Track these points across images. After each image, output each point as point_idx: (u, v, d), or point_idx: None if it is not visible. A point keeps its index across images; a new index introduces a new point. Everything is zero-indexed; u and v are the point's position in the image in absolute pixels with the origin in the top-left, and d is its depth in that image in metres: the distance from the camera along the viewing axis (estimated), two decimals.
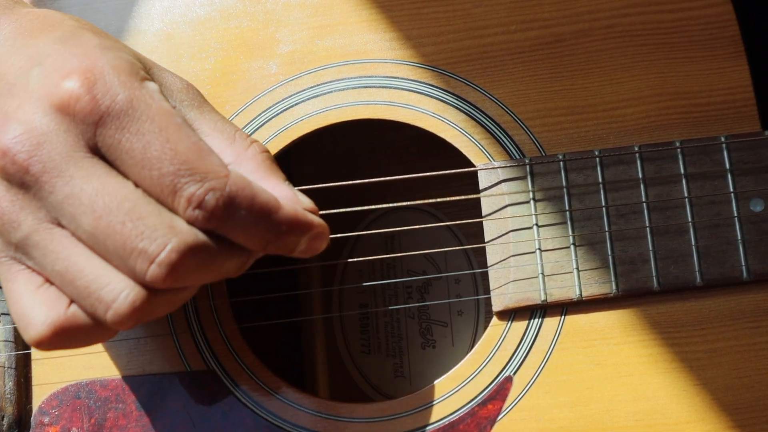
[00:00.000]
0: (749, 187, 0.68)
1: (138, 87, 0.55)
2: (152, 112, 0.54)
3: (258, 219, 0.55)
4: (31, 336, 0.55)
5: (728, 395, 0.66)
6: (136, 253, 0.52)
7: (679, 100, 0.70)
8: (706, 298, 0.68)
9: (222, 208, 0.54)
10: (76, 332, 0.55)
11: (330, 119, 0.73)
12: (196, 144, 0.55)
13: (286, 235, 0.57)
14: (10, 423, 0.69)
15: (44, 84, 0.55)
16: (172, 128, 0.54)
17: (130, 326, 0.54)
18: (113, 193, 0.53)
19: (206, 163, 0.54)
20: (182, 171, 0.53)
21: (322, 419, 0.69)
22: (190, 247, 0.53)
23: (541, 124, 0.71)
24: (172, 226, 0.53)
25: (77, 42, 0.57)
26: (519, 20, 0.73)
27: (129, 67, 0.56)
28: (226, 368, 0.70)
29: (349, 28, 0.74)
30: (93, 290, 0.54)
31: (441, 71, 0.73)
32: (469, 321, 0.86)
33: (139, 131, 0.54)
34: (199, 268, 0.54)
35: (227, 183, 0.54)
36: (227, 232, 0.55)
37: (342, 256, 0.88)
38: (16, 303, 0.56)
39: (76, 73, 0.54)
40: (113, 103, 0.54)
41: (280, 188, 0.59)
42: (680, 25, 0.71)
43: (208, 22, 0.75)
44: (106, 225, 0.53)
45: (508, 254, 0.69)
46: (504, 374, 0.68)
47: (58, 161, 0.54)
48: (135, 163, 0.54)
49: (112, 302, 0.53)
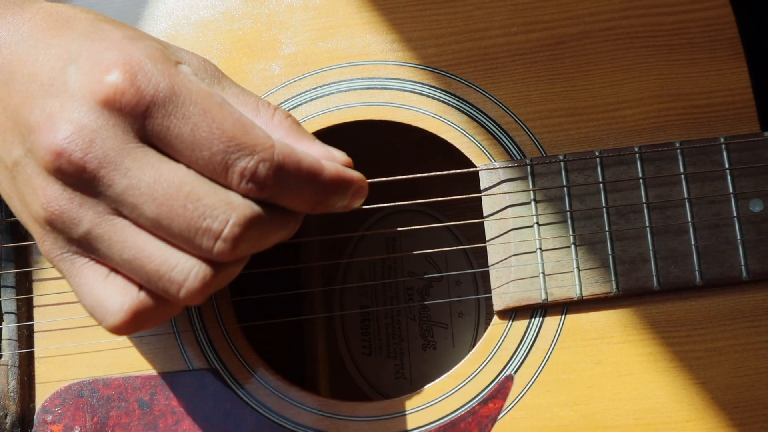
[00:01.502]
0: (748, 188, 0.68)
1: (176, 73, 0.57)
2: (194, 95, 0.56)
3: (306, 182, 0.58)
4: (110, 323, 0.57)
5: (728, 394, 0.66)
6: (201, 232, 0.55)
7: (679, 102, 0.71)
8: (706, 297, 0.68)
9: (273, 177, 0.56)
10: (151, 313, 0.58)
11: (332, 120, 0.74)
12: (239, 120, 0.56)
13: (332, 194, 0.60)
14: (13, 421, 0.69)
15: (85, 81, 0.56)
16: (215, 108, 0.56)
17: (201, 301, 0.57)
18: (170, 179, 0.55)
19: (252, 136, 0.56)
20: (231, 147, 0.55)
21: (324, 418, 0.69)
22: (249, 219, 0.56)
23: (541, 125, 0.71)
24: (229, 201, 0.55)
25: (103, 36, 0.58)
26: (520, 22, 0.73)
27: (162, 54, 0.58)
28: (228, 367, 0.70)
29: (352, 30, 0.75)
30: (164, 272, 0.56)
31: (442, 73, 0.73)
32: (470, 322, 0.87)
33: (185, 115, 0.56)
34: (259, 237, 0.57)
35: (274, 152, 0.56)
36: (279, 199, 0.58)
37: (343, 257, 0.88)
38: (89, 295, 0.58)
39: (116, 67, 0.56)
40: (157, 91, 0.55)
41: (315, 148, 0.61)
42: (680, 27, 0.72)
43: (211, 24, 0.76)
44: (169, 210, 0.55)
45: (509, 254, 0.69)
46: (505, 373, 0.68)
47: (112, 156, 0.55)
48: (186, 146, 0.56)
49: (184, 281, 0.56)
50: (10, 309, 0.71)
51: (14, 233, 0.73)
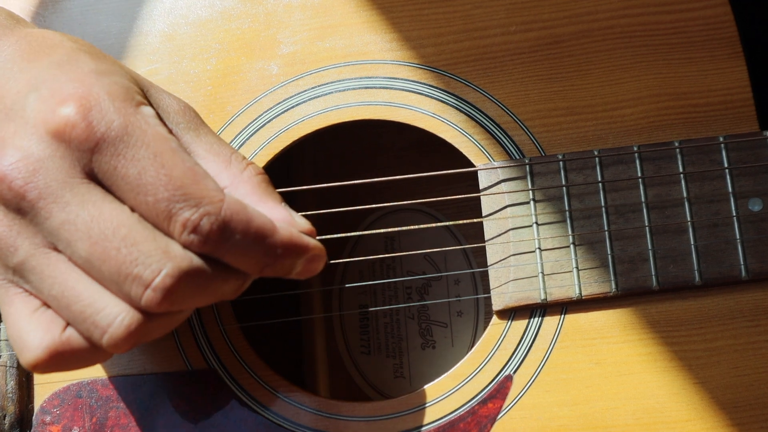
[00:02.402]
0: (748, 187, 0.68)
1: (133, 113, 0.56)
2: (147, 138, 0.55)
3: (253, 243, 0.56)
4: (26, 359, 0.55)
5: (727, 393, 0.66)
6: (131, 279, 0.53)
7: (678, 101, 0.71)
8: (705, 297, 0.68)
9: (217, 233, 0.54)
10: (71, 355, 0.56)
11: (331, 120, 0.74)
12: (191, 169, 0.55)
13: (282, 258, 0.58)
14: (11, 422, 0.69)
15: (40, 110, 0.55)
16: (167, 154, 0.55)
17: (126, 349, 0.55)
18: (108, 219, 0.54)
19: (201, 187, 0.54)
20: (177, 196, 0.54)
21: (323, 418, 0.69)
22: (184, 272, 0.54)
23: (540, 125, 0.71)
24: (167, 251, 0.54)
25: (73, 66, 0.57)
26: (518, 21, 0.73)
27: (124, 92, 0.57)
28: (227, 367, 0.70)
29: (350, 29, 0.75)
30: (89, 315, 0.54)
31: (441, 72, 0.73)
32: (469, 322, 0.87)
33: (134, 157, 0.54)
34: (194, 292, 0.55)
35: (222, 207, 0.54)
36: (223, 255, 0.55)
37: (342, 256, 0.88)
38: (13, 326, 0.56)
39: (72, 100, 0.55)
40: (108, 129, 0.54)
41: (277, 210, 0.59)
42: (679, 26, 0.72)
43: (209, 23, 0.76)
44: (102, 251, 0.53)
45: (508, 253, 0.69)
46: (504, 373, 0.68)
47: (54, 187, 0.54)
48: (130, 188, 0.54)
49: (107, 326, 0.54)
50: None
51: None
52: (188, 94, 0.74)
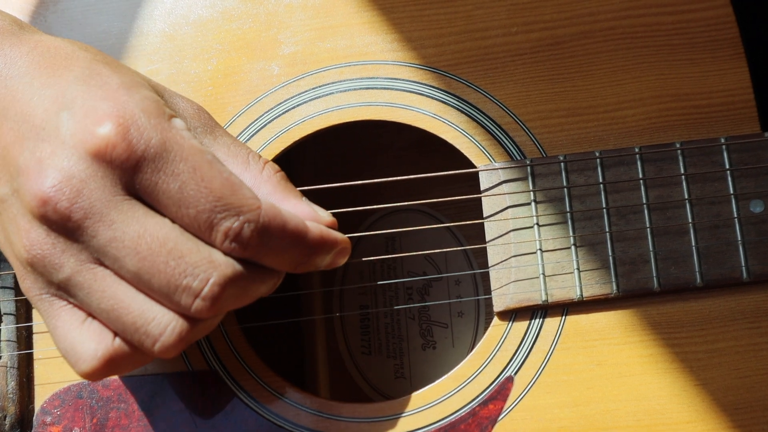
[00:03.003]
0: (749, 189, 0.68)
1: (168, 128, 0.57)
2: (185, 152, 0.56)
3: (290, 244, 0.59)
4: (82, 369, 0.58)
5: (728, 395, 0.66)
6: (181, 290, 0.55)
7: (680, 102, 0.71)
8: (706, 298, 0.68)
9: (257, 238, 0.57)
10: (123, 361, 0.58)
11: (331, 120, 0.74)
12: (228, 179, 0.57)
13: (315, 255, 0.61)
14: (12, 423, 0.69)
15: (77, 130, 0.56)
16: (205, 166, 0.57)
17: (176, 354, 0.57)
18: (154, 234, 0.56)
19: (239, 197, 0.57)
20: (218, 207, 0.56)
21: (324, 419, 0.69)
22: (229, 278, 0.56)
23: (541, 126, 0.71)
24: (211, 260, 0.56)
25: (100, 82, 0.58)
26: (520, 22, 0.73)
27: (156, 108, 0.58)
28: (228, 368, 0.70)
29: (351, 29, 0.75)
30: (140, 325, 0.56)
31: (442, 73, 0.73)
32: (470, 322, 0.87)
33: (174, 172, 0.56)
34: (237, 295, 0.58)
35: (260, 214, 0.57)
36: (262, 258, 0.58)
37: None
38: (63, 338, 0.58)
39: (109, 119, 0.56)
40: (148, 147, 0.56)
41: (301, 207, 0.62)
42: (680, 27, 0.72)
43: (210, 24, 0.76)
44: (151, 265, 0.55)
45: (509, 254, 0.69)
46: (505, 374, 0.68)
47: (98, 207, 0.56)
48: (173, 203, 0.56)
49: (159, 335, 0.56)
50: (9, 310, 0.71)
51: None
52: (189, 95, 0.74)
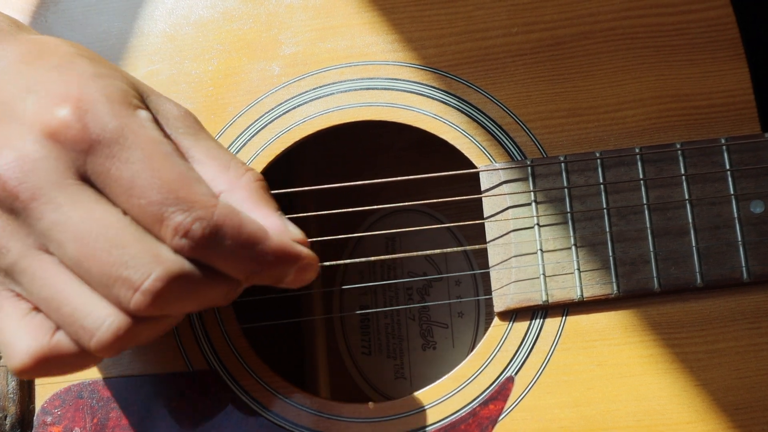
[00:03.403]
0: (749, 189, 0.68)
1: (129, 115, 0.55)
2: (141, 141, 0.55)
3: (243, 249, 0.55)
4: (12, 365, 0.55)
5: (728, 396, 0.66)
6: (120, 282, 0.53)
7: (680, 103, 0.71)
8: (707, 299, 0.68)
9: (207, 237, 0.54)
10: (59, 361, 0.55)
11: (332, 121, 0.74)
12: (183, 173, 0.55)
13: (273, 265, 0.57)
14: (12, 423, 0.69)
15: (37, 111, 0.55)
16: (160, 157, 0.55)
17: (114, 353, 0.54)
18: (99, 221, 0.53)
19: (193, 192, 0.54)
20: (169, 200, 0.54)
21: (324, 419, 0.69)
22: (174, 275, 0.53)
23: (542, 126, 0.71)
24: (157, 254, 0.53)
25: (72, 69, 0.57)
26: (520, 23, 0.73)
27: (121, 95, 0.57)
28: (228, 368, 0.70)
29: (352, 30, 0.75)
30: (77, 318, 0.54)
31: (443, 73, 0.73)
32: (470, 323, 0.87)
33: (128, 159, 0.54)
34: (183, 296, 0.55)
35: (214, 212, 0.54)
36: (213, 261, 0.55)
37: (343, 257, 0.88)
38: (3, 331, 0.56)
39: (69, 101, 0.55)
40: (103, 131, 0.54)
41: (271, 218, 0.59)
42: (680, 27, 0.72)
43: (211, 24, 0.76)
44: (91, 253, 0.53)
45: (510, 255, 0.69)
46: (505, 374, 0.68)
47: (47, 188, 0.54)
48: (123, 191, 0.54)
49: (96, 330, 0.53)
50: None
51: None
52: (189, 95, 0.74)
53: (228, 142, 0.73)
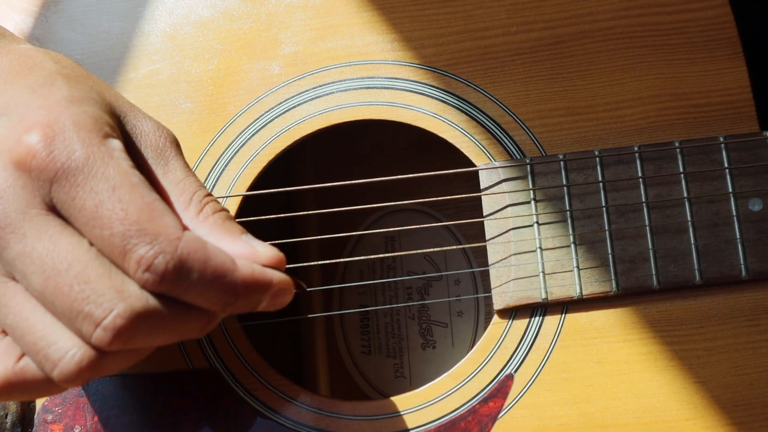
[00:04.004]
0: (748, 187, 0.68)
1: (97, 144, 0.54)
2: (108, 171, 0.53)
3: (212, 282, 0.54)
4: None
5: (727, 393, 0.66)
6: (82, 317, 0.51)
7: (679, 101, 0.71)
8: (705, 296, 0.68)
9: (173, 272, 0.52)
10: (25, 385, 0.55)
11: (332, 120, 0.74)
12: (149, 204, 0.53)
13: (244, 296, 0.56)
14: (13, 421, 0.69)
15: (6, 137, 0.54)
16: (126, 187, 0.53)
17: (80, 384, 0.53)
18: (63, 254, 0.52)
19: (158, 224, 0.53)
20: (132, 231, 0.52)
21: (324, 417, 0.69)
22: (137, 313, 0.52)
23: (541, 125, 0.71)
24: (121, 290, 0.52)
25: (46, 92, 0.56)
26: (519, 22, 0.73)
27: (92, 123, 0.55)
28: (229, 366, 0.70)
29: (351, 29, 0.75)
30: (41, 347, 0.53)
31: (442, 72, 0.73)
32: (469, 322, 0.87)
33: (92, 189, 0.53)
34: (150, 332, 0.53)
35: (178, 245, 0.52)
36: (181, 295, 0.54)
37: (342, 256, 0.88)
38: None
39: (37, 128, 0.53)
40: (68, 159, 0.53)
41: (237, 246, 0.57)
42: (679, 26, 0.72)
43: (211, 24, 0.76)
44: (54, 286, 0.52)
45: (509, 253, 0.69)
46: (505, 372, 0.68)
47: (12, 218, 0.53)
48: (87, 221, 0.53)
49: (58, 360, 0.52)
50: None
51: None
52: (190, 94, 0.74)
53: (228, 141, 0.73)
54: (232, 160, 0.73)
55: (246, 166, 0.73)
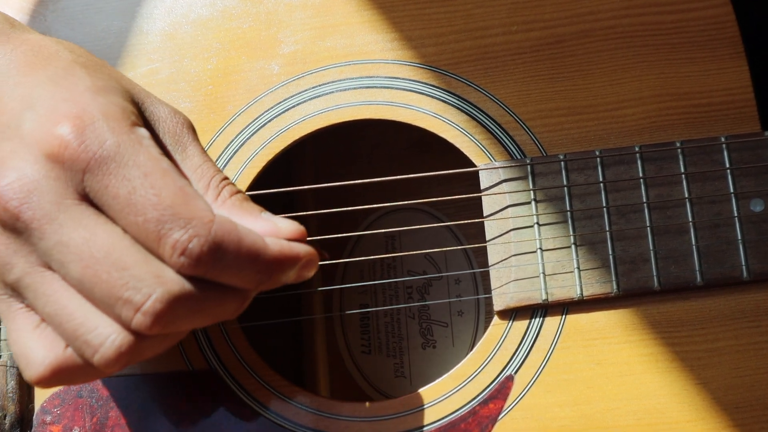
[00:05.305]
0: (749, 188, 0.68)
1: (126, 132, 0.55)
2: (139, 158, 0.54)
3: (246, 262, 0.55)
4: (30, 375, 0.55)
5: (728, 394, 0.66)
6: (122, 302, 0.53)
7: (680, 101, 0.71)
8: (707, 297, 0.68)
9: (207, 254, 0.53)
10: (74, 371, 0.56)
11: (331, 119, 0.74)
12: (181, 189, 0.54)
13: (277, 272, 0.57)
14: (12, 422, 0.69)
15: (36, 130, 0.55)
16: (158, 173, 0.54)
17: (120, 368, 0.54)
18: (100, 243, 0.53)
19: (191, 208, 0.54)
20: (165, 217, 0.53)
21: (324, 418, 0.69)
22: (175, 297, 0.53)
23: (542, 125, 0.71)
24: (158, 275, 0.53)
25: (69, 83, 0.57)
26: (520, 21, 0.73)
27: (120, 112, 0.56)
28: (228, 367, 0.70)
29: (351, 28, 0.75)
30: (80, 334, 0.54)
31: (442, 72, 0.73)
32: (470, 321, 0.86)
33: (125, 177, 0.54)
34: (188, 315, 0.54)
35: (212, 228, 0.53)
36: (216, 276, 0.55)
37: (343, 256, 0.88)
38: (16, 342, 0.56)
39: (67, 120, 0.54)
40: (100, 149, 0.54)
41: (258, 224, 0.58)
42: (680, 26, 0.72)
43: (210, 23, 0.76)
44: (93, 274, 0.53)
45: (510, 254, 0.69)
46: (505, 373, 0.68)
47: (47, 209, 0.54)
48: (121, 209, 0.54)
49: (99, 346, 0.54)
50: None
51: None
52: (189, 94, 0.74)
53: (227, 140, 0.73)
54: (231, 160, 0.73)
55: (245, 165, 0.73)
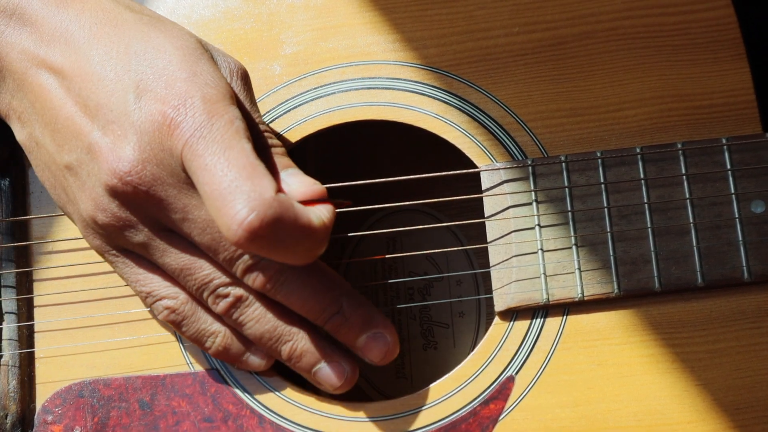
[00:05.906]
0: (750, 189, 0.68)
1: (222, 111, 0.61)
2: (226, 139, 0.60)
3: (301, 238, 0.61)
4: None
5: (729, 395, 0.66)
6: None
7: (681, 102, 0.71)
8: (708, 298, 0.68)
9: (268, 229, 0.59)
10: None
11: (333, 120, 0.74)
12: (248, 160, 0.60)
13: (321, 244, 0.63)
14: (13, 421, 0.69)
15: (145, 114, 0.61)
16: (236, 147, 0.60)
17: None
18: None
19: (254, 182, 0.59)
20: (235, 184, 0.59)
21: (325, 418, 0.69)
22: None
23: (543, 126, 0.71)
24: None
25: (162, 63, 0.62)
26: (522, 22, 0.73)
27: (217, 94, 0.62)
28: (228, 367, 0.70)
29: (353, 29, 0.75)
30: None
31: (444, 73, 0.73)
32: (471, 322, 0.86)
33: (208, 151, 0.60)
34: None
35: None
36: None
37: (344, 257, 0.88)
38: (143, 282, 0.67)
39: (169, 107, 0.61)
40: (194, 124, 0.60)
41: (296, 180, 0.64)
42: (682, 27, 0.72)
43: (212, 24, 0.76)
44: (217, 242, 0.63)
45: (511, 254, 0.69)
46: (506, 374, 0.68)
47: (170, 192, 0.62)
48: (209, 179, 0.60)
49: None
50: (10, 309, 0.71)
51: (14, 233, 0.73)
52: None
53: None
54: None
55: None
